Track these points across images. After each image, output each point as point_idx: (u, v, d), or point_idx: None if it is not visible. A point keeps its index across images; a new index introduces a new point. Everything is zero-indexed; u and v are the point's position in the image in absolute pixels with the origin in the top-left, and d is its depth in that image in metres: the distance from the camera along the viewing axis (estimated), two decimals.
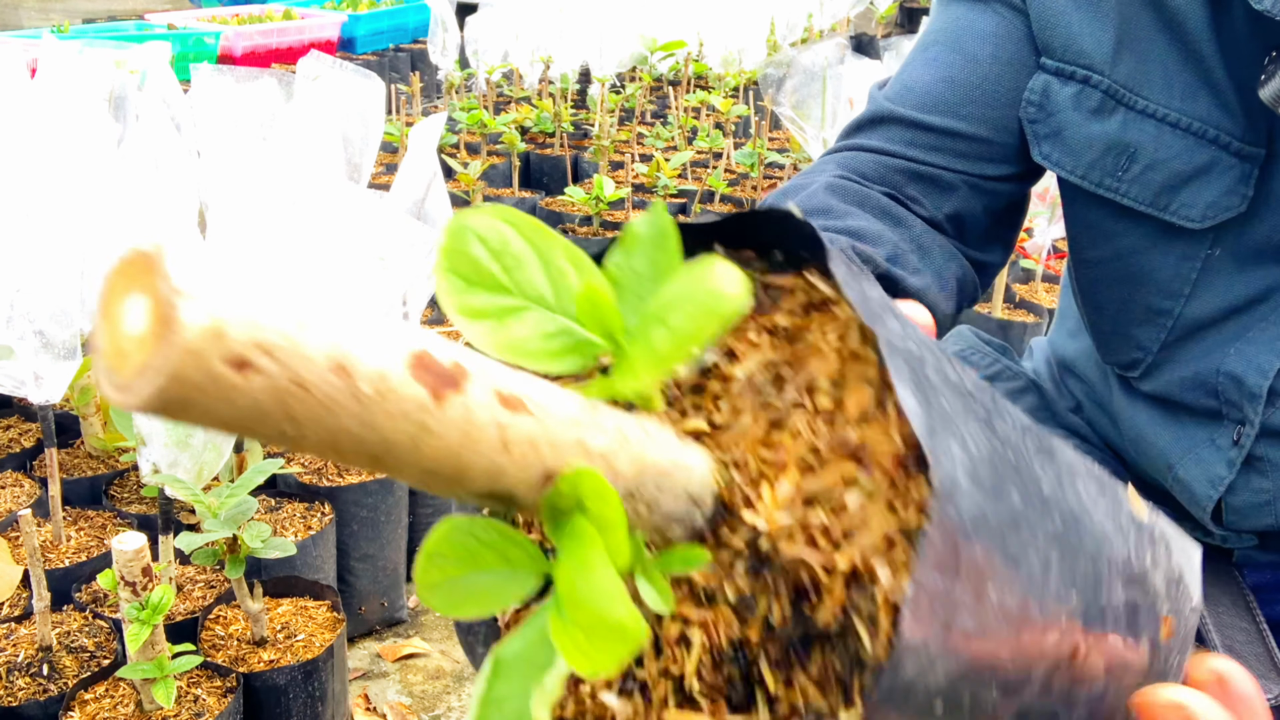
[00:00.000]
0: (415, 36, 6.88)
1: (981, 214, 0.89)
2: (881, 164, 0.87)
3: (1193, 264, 0.82)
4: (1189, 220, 0.80)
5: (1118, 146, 0.81)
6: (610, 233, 3.14)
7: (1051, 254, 2.96)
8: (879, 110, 0.89)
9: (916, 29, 4.32)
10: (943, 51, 0.88)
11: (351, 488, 1.69)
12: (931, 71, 0.87)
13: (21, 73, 1.74)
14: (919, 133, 0.87)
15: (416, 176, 1.74)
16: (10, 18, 7.39)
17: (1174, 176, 0.80)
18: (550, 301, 0.31)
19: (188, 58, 5.20)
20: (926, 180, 0.86)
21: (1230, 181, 0.78)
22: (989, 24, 0.86)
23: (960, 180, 0.87)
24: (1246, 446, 0.81)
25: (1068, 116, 0.83)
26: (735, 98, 4.45)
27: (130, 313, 0.22)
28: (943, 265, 0.84)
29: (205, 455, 1.28)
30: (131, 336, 0.22)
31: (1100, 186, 0.83)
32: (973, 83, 0.85)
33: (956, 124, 0.86)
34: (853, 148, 0.90)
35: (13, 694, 1.24)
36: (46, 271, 1.32)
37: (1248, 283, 0.81)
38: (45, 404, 1.38)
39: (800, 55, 2.89)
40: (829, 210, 0.79)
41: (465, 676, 1.72)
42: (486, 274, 0.31)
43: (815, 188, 0.82)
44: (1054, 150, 0.84)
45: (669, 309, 0.29)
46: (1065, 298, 1.09)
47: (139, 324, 0.22)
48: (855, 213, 0.79)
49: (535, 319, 0.31)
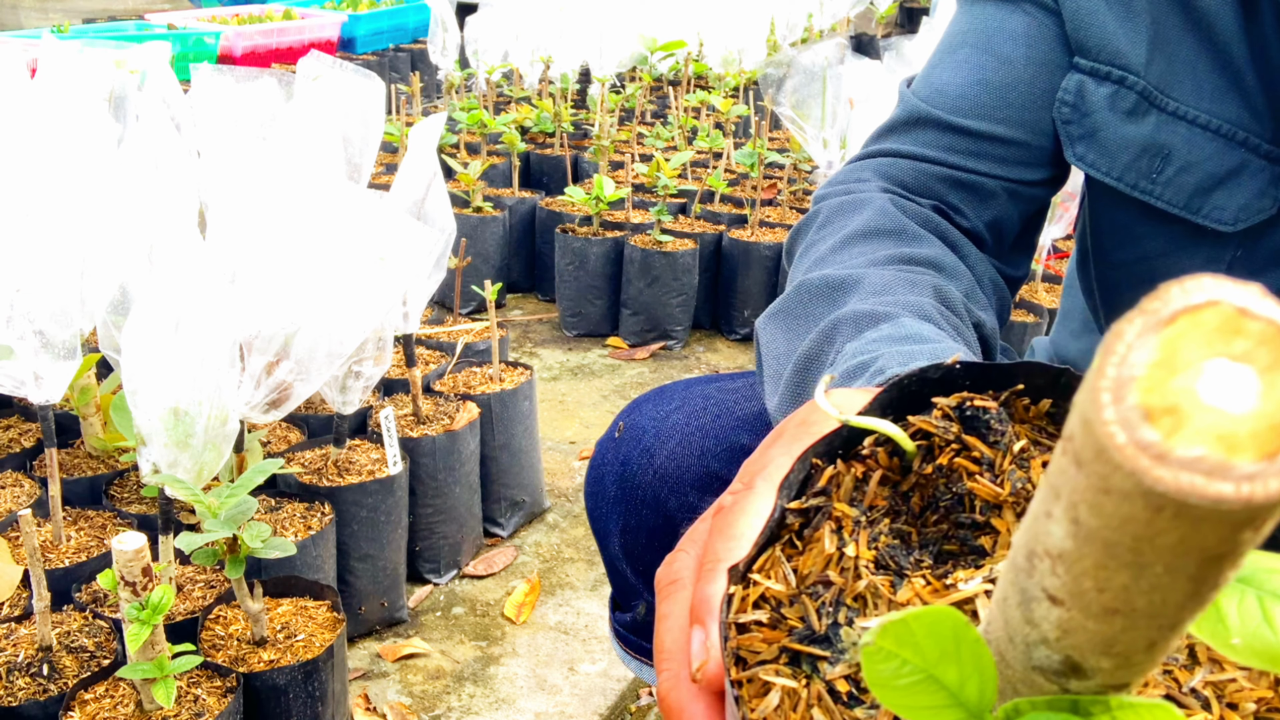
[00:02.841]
0: (415, 36, 6.88)
1: (1016, 220, 0.89)
2: (921, 171, 0.87)
3: (1218, 267, 0.81)
4: (1221, 223, 0.79)
5: (1153, 148, 0.80)
6: (610, 233, 3.14)
7: (1051, 254, 2.96)
8: (914, 112, 0.88)
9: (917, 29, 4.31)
10: (973, 53, 0.86)
11: (351, 488, 1.69)
12: (964, 74, 0.86)
13: (21, 73, 1.74)
14: (957, 137, 0.86)
15: (416, 176, 1.74)
16: (10, 18, 7.39)
17: (1207, 179, 0.79)
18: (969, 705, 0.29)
19: (188, 58, 5.19)
20: (968, 188, 0.86)
21: (1262, 184, 0.78)
22: (1019, 24, 0.85)
23: (1000, 187, 0.86)
24: None
25: (1103, 117, 0.81)
26: (735, 98, 4.45)
27: (1219, 375, 0.20)
28: (992, 292, 0.85)
29: (205, 455, 1.28)
30: (1209, 404, 0.19)
31: (1135, 189, 0.82)
32: (1007, 84, 0.84)
33: (994, 128, 0.85)
34: (889, 153, 0.89)
35: (13, 694, 1.24)
36: (46, 271, 1.32)
37: (1264, 283, 0.81)
38: (45, 404, 1.38)
39: (800, 55, 2.89)
40: (903, 231, 0.79)
41: (465, 676, 1.72)
42: (916, 675, 0.29)
43: (879, 204, 0.81)
44: (1089, 151, 0.83)
45: None
46: (1068, 298, 1.09)
47: (1236, 398, 0.19)
48: (925, 237, 0.79)
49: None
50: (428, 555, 1.93)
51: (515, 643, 1.81)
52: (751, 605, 0.38)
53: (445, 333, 2.34)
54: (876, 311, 0.64)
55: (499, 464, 2.07)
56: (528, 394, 2.11)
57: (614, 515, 0.99)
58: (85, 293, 1.35)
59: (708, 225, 3.29)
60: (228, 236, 1.39)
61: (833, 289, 0.70)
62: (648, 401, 1.01)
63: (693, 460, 0.94)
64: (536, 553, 2.08)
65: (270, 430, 1.91)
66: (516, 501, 2.13)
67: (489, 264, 3.26)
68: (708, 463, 0.93)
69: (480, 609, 1.90)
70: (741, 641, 0.37)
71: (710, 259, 3.19)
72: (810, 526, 0.39)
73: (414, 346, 1.92)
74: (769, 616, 0.37)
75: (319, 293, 1.42)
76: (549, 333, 3.22)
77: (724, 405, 0.97)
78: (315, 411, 1.95)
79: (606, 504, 1.00)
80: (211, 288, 1.25)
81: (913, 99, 0.89)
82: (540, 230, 3.41)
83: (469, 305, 3.15)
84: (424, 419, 1.94)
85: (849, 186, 0.87)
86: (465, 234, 2.82)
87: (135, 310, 1.22)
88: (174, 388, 1.23)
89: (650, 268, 3.00)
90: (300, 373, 1.44)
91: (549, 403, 2.73)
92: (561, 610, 1.90)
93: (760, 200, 3.27)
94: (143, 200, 1.39)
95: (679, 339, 3.12)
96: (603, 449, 1.02)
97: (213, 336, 1.25)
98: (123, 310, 1.36)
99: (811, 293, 0.72)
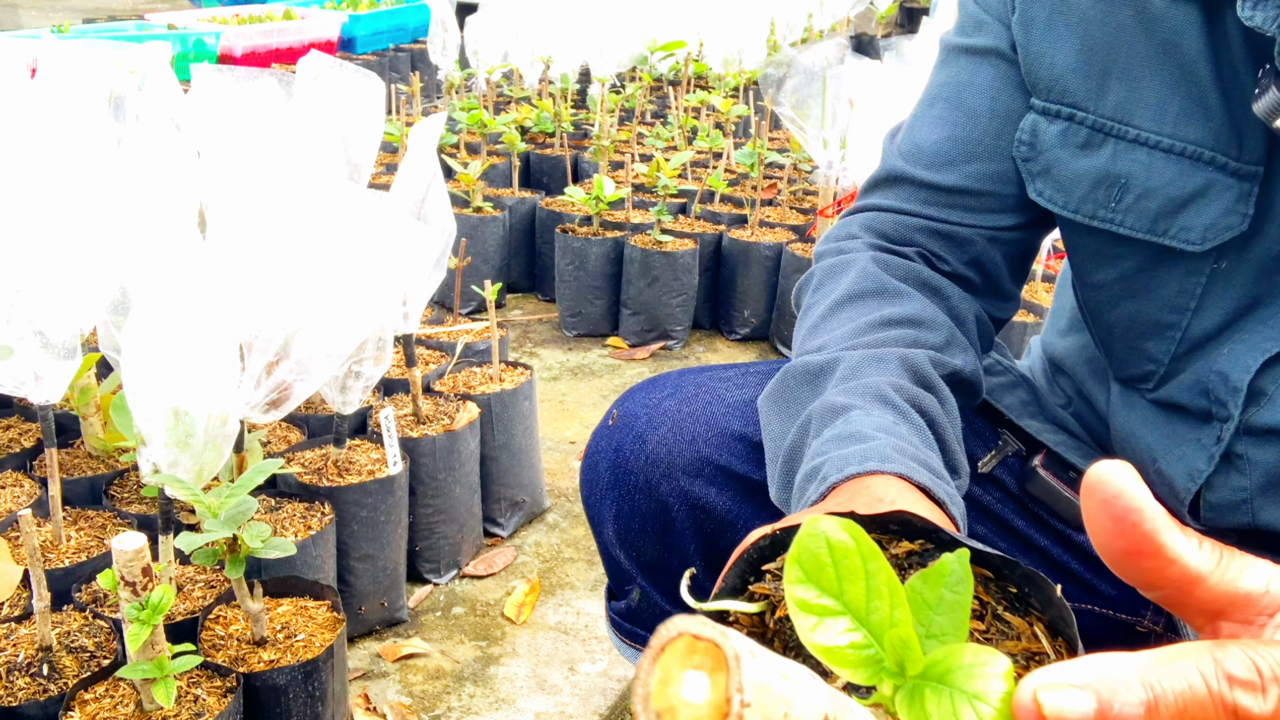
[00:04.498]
0: (415, 36, 6.88)
1: (1001, 261, 0.94)
2: (901, 223, 0.94)
3: (1197, 279, 0.82)
4: (1188, 244, 0.81)
5: (1108, 179, 0.83)
6: (610, 233, 3.14)
7: (1051, 254, 2.96)
8: (893, 170, 0.96)
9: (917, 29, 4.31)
10: (946, 109, 0.92)
11: (351, 488, 1.69)
12: (937, 130, 0.92)
13: (21, 73, 1.74)
14: (931, 192, 0.92)
15: (416, 176, 1.74)
16: (10, 18, 7.39)
17: (1169, 202, 0.80)
18: (866, 619, 0.39)
19: (188, 58, 5.20)
20: (945, 236, 0.92)
21: (1229, 202, 0.78)
22: (986, 78, 0.90)
23: (976, 234, 0.92)
24: (1226, 440, 0.82)
25: (1056, 154, 0.85)
26: (735, 98, 4.45)
27: (690, 681, 0.31)
28: (975, 330, 0.92)
29: (205, 455, 1.28)
30: (686, 701, 0.31)
31: (1095, 219, 0.84)
32: (973, 139, 0.90)
33: (963, 181, 0.91)
34: (874, 208, 0.97)
35: (13, 694, 1.24)
36: (46, 271, 1.32)
37: (1253, 292, 0.81)
38: (45, 404, 1.38)
39: (800, 55, 2.89)
40: (884, 290, 0.87)
41: (465, 676, 1.72)
42: (827, 576, 0.40)
43: (862, 264, 0.90)
44: (1046, 187, 0.87)
45: (946, 676, 0.38)
46: (1059, 297, 1.09)
47: (698, 694, 0.31)
48: (907, 292, 0.87)
49: (849, 630, 0.39)
50: (428, 555, 1.93)
51: (515, 643, 1.81)
52: None
53: (445, 333, 2.34)
54: (836, 405, 0.75)
55: (499, 464, 2.07)
56: (528, 394, 2.11)
57: (607, 501, 1.01)
58: (85, 293, 1.35)
59: (708, 225, 3.29)
60: (228, 236, 1.39)
61: (813, 376, 0.82)
62: (641, 390, 1.03)
63: (684, 445, 0.95)
64: (536, 553, 2.08)
65: (270, 430, 1.91)
66: (516, 501, 2.13)
67: (489, 264, 3.26)
68: (699, 448, 0.95)
69: (480, 609, 1.90)
70: None
71: (710, 259, 3.19)
72: None
73: (414, 346, 1.92)
74: None
75: (319, 293, 1.42)
76: (549, 333, 3.22)
77: (715, 392, 0.99)
78: (315, 411, 1.95)
79: (600, 490, 1.01)
80: (211, 288, 1.25)
81: (892, 156, 0.96)
82: (540, 230, 3.41)
83: (469, 305, 3.15)
84: (424, 419, 1.94)
85: (840, 245, 0.95)
86: (465, 234, 2.82)
87: (135, 310, 1.22)
88: (174, 388, 1.23)
89: (650, 268, 3.00)
90: (300, 373, 1.44)
91: (549, 403, 2.73)
92: (561, 610, 1.90)
93: (760, 200, 3.27)
94: (143, 200, 1.39)
95: (679, 339, 3.12)
96: (597, 437, 1.03)
97: (213, 336, 1.25)
98: (123, 310, 1.36)
99: (797, 379, 0.83)
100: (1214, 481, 0.84)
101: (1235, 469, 0.83)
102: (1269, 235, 0.78)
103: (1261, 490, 0.82)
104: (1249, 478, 0.82)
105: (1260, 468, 0.82)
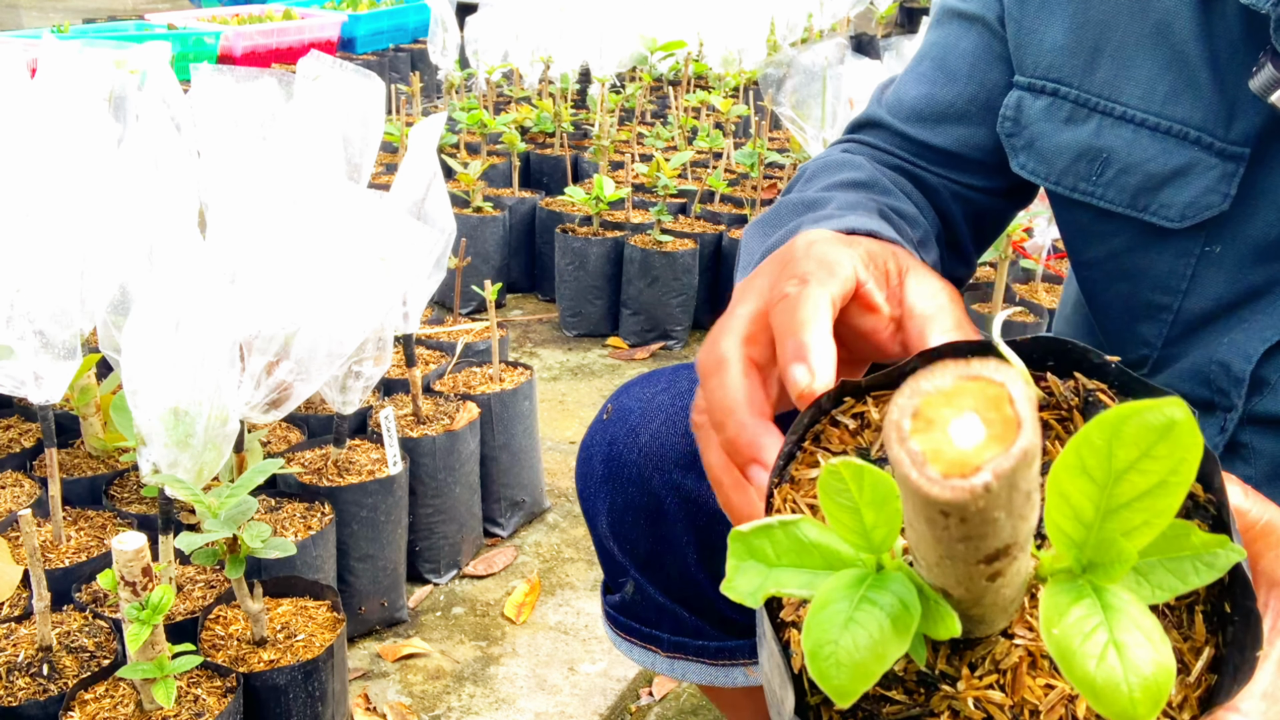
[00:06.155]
0: (415, 36, 6.88)
1: (960, 217, 0.97)
2: (878, 158, 0.97)
3: (1187, 260, 0.83)
4: (1168, 220, 0.82)
5: (1090, 152, 0.84)
6: (610, 233, 3.14)
7: (1051, 254, 2.96)
8: (874, 117, 1.00)
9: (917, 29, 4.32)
10: (930, 68, 0.96)
11: (351, 488, 1.69)
12: (919, 87, 0.97)
13: (21, 73, 1.74)
14: (904, 140, 0.97)
15: (416, 176, 1.74)
16: (10, 18, 7.40)
17: (1150, 178, 0.82)
18: (865, 541, 0.41)
19: (188, 58, 5.20)
20: (914, 178, 0.96)
21: (1210, 181, 0.79)
22: (970, 43, 0.93)
23: (941, 185, 0.96)
24: (1230, 430, 0.83)
25: (1040, 127, 0.87)
26: (735, 98, 4.45)
27: (961, 428, 0.32)
28: (965, 234, 0.98)
29: (205, 455, 1.28)
30: (959, 447, 0.31)
31: (1075, 191, 0.86)
32: (948, 100, 0.94)
33: (936, 140, 0.95)
34: (854, 141, 1.01)
35: (13, 694, 1.24)
36: (46, 271, 1.32)
37: (1249, 278, 0.82)
38: (45, 404, 1.38)
39: (800, 55, 2.89)
40: (876, 184, 0.90)
41: (465, 676, 1.72)
42: (849, 504, 0.41)
43: (859, 163, 0.93)
44: (1029, 160, 0.89)
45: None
46: (1067, 287, 1.11)
47: (973, 438, 0.31)
48: (895, 193, 0.90)
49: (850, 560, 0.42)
50: (428, 555, 1.93)
51: (515, 643, 1.81)
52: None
53: (445, 333, 2.34)
54: (834, 216, 0.76)
55: (499, 464, 2.07)
56: (528, 394, 2.11)
57: (601, 494, 1.01)
58: (85, 293, 1.35)
59: (708, 225, 3.29)
60: (228, 236, 1.39)
61: (807, 206, 0.82)
62: (635, 385, 1.03)
63: (677, 439, 0.95)
64: (536, 553, 2.08)
65: (270, 430, 1.91)
66: (516, 501, 2.13)
67: (489, 264, 3.26)
68: (691, 441, 0.95)
69: (480, 609, 1.90)
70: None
71: (710, 259, 3.19)
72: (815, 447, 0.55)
73: (414, 346, 1.92)
74: None
75: (319, 293, 1.42)
76: (549, 333, 3.22)
77: None
78: (315, 411, 1.95)
79: (595, 484, 1.01)
80: (211, 288, 1.25)
81: (876, 105, 1.01)
82: (540, 230, 3.41)
83: (469, 305, 3.15)
84: (424, 419, 1.94)
85: (838, 162, 0.98)
86: (465, 234, 2.82)
87: (135, 310, 1.22)
88: (174, 388, 1.23)
89: (650, 268, 3.00)
90: (300, 373, 1.44)
91: (549, 403, 2.73)
92: (561, 610, 1.90)
93: (760, 200, 3.27)
94: (143, 200, 1.39)
95: (679, 339, 3.12)
96: (592, 431, 1.04)
97: (213, 336, 1.25)
98: (123, 310, 1.36)
99: (788, 207, 0.83)
100: None
101: (1240, 458, 0.83)
102: (1261, 219, 0.79)
103: (1267, 479, 0.82)
104: (1254, 466, 0.83)
105: (1266, 456, 0.82)
